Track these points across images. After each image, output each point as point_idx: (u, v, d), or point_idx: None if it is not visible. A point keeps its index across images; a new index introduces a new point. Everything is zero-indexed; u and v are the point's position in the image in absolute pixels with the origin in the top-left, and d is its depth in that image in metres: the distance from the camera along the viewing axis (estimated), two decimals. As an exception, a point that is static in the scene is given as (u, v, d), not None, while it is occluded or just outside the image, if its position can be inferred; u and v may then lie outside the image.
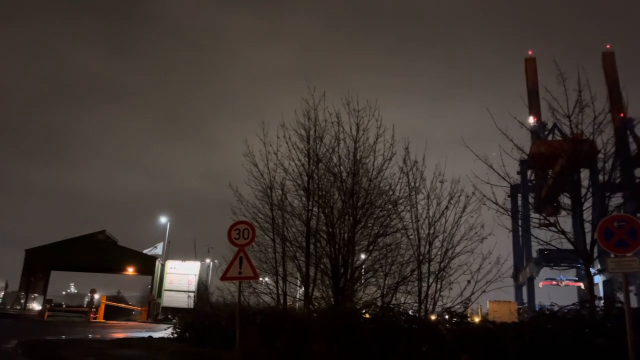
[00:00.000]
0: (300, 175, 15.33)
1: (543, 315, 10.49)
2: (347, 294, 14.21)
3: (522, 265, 74.37)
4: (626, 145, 44.65)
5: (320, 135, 15.23)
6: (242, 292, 12.60)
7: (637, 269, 8.35)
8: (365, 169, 14.88)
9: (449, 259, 13.66)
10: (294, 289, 16.14)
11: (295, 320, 12.87)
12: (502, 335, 9.66)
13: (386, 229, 14.89)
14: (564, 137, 13.64)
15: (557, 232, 12.96)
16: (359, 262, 15.20)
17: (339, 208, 14.91)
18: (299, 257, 15.20)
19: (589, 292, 13.38)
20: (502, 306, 40.13)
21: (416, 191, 14.22)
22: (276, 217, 15.39)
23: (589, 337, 8.83)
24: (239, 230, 12.08)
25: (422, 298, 13.58)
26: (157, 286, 48.66)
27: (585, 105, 12.23)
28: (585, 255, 11.97)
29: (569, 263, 61.61)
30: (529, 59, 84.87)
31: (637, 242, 8.21)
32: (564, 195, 14.67)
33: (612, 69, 72.69)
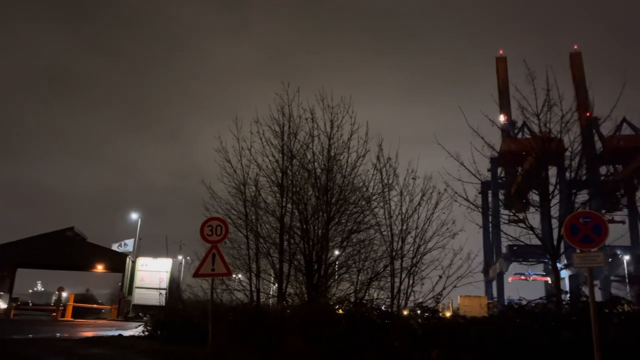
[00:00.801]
0: (274, 171, 15.28)
1: (512, 309, 10.70)
2: (321, 290, 14.24)
3: (492, 260, 75.97)
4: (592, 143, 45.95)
5: (294, 132, 15.21)
6: (214, 289, 12.51)
7: (601, 264, 8.61)
8: (339, 166, 14.93)
9: (421, 254, 13.85)
10: (267, 285, 16.09)
11: (268, 317, 12.83)
12: (472, 329, 9.84)
13: (360, 225, 14.98)
14: (533, 135, 13.94)
15: (525, 228, 13.28)
16: (332, 258, 15.25)
17: (313, 204, 14.92)
18: (273, 254, 15.18)
19: (555, 286, 13.75)
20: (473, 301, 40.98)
21: (389, 188, 14.37)
22: (250, 213, 15.31)
23: (556, 330, 9.06)
24: (212, 227, 11.97)
25: (394, 293, 13.72)
26: (127, 284, 47.84)
27: (553, 104, 12.53)
28: (553, 251, 12.28)
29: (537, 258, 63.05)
30: (500, 58, 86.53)
31: (601, 237, 8.46)
32: (533, 192, 14.99)
33: (579, 69, 74.70)
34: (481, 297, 48.48)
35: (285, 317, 12.84)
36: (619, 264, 60.20)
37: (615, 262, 60.29)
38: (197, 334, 12.68)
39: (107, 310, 48.58)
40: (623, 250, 60.06)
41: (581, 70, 74.55)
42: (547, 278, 66.60)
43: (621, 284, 54.88)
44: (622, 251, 59.97)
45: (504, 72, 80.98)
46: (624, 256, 59.57)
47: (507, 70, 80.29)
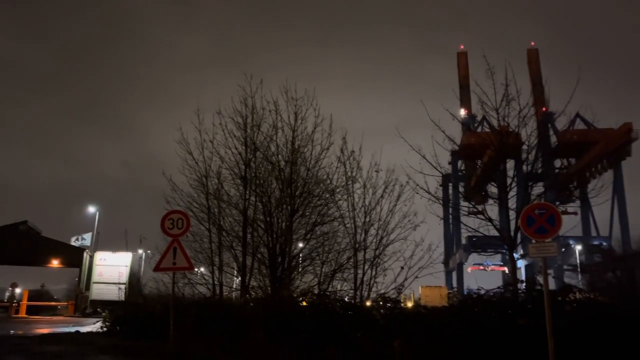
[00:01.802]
0: (237, 163, 15.13)
1: (470, 298, 10.99)
2: (285, 283, 14.24)
3: (453, 251, 77.80)
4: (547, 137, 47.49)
5: (257, 124, 15.09)
6: (176, 283, 12.31)
7: (555, 254, 8.93)
8: (303, 158, 14.92)
9: (383, 246, 14.04)
10: (230, 278, 15.97)
11: (231, 310, 12.75)
12: (433, 318, 10.05)
13: (324, 217, 15.04)
14: (492, 129, 14.29)
15: (484, 219, 13.65)
16: (296, 250, 15.27)
17: (277, 197, 14.87)
18: (236, 247, 15.05)
19: (512, 275, 14.20)
20: (434, 291, 41.90)
21: (353, 180, 14.47)
22: (212, 206, 15.13)
23: (512, 317, 9.37)
24: (173, 220, 11.76)
25: (357, 285, 13.87)
26: (85, 279, 46.52)
27: (511, 99, 12.86)
28: (510, 241, 12.67)
29: (495, 249, 65.23)
30: (461, 53, 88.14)
31: (555, 228, 8.78)
32: (492, 184, 15.42)
33: (535, 65, 77.04)
34: (442, 287, 49.66)
35: (248, 310, 12.79)
36: (571, 253, 62.64)
37: (568, 252, 62.75)
38: (158, 328, 12.46)
39: (64, 306, 47.14)
40: (575, 240, 62.50)
41: (538, 66, 76.90)
42: (504, 268, 68.73)
43: (573, 273, 57.05)
44: (574, 241, 62.40)
45: (465, 67, 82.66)
46: (576, 246, 61.99)
47: (467, 65, 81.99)
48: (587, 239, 68.65)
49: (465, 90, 67.07)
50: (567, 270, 60.14)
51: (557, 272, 57.29)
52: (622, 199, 72.58)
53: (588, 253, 60.59)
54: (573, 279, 49.96)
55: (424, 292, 42.96)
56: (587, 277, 35.11)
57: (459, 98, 64.93)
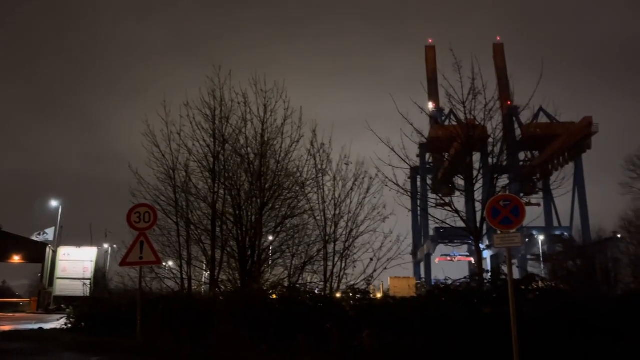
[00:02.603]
0: (206, 156, 14.96)
1: (438, 288, 11.17)
2: (255, 276, 14.20)
3: (421, 242, 79.06)
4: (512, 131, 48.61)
5: (226, 116, 14.93)
6: (143, 277, 12.14)
7: (519, 244, 9.17)
8: (273, 151, 14.86)
9: (353, 238, 14.15)
10: (199, 272, 15.83)
11: (200, 304, 12.64)
12: (401, 309, 10.20)
13: (294, 210, 15.03)
14: (459, 122, 14.53)
15: (451, 211, 13.91)
16: (266, 243, 15.23)
17: (247, 190, 14.78)
18: (205, 241, 14.92)
19: (478, 266, 14.54)
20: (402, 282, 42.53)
21: (323, 173, 14.51)
22: (180, 199, 14.93)
23: (478, 307, 9.59)
24: (140, 214, 11.57)
25: (327, 277, 13.96)
26: (48, 274, 45.32)
27: (477, 93, 13.10)
28: (476, 232, 12.96)
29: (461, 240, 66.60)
30: (429, 47, 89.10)
31: (519, 219, 9.01)
32: (458, 176, 15.70)
33: (501, 59, 78.57)
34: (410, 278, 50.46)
35: (218, 303, 12.71)
36: (534, 243, 64.55)
37: (532, 242, 64.64)
38: (125, 324, 12.26)
39: (26, 303, 45.82)
40: (538, 230, 64.50)
41: (503, 61, 78.46)
42: (470, 258, 70.34)
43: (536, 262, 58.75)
44: (537, 232, 64.37)
45: (433, 60, 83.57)
46: (539, 236, 63.92)
47: (435, 59, 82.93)
48: (549, 230, 70.80)
49: (433, 83, 67.84)
50: (530, 259, 61.84)
51: (521, 261, 58.87)
52: (583, 190, 75.05)
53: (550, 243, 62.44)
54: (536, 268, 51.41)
55: (393, 283, 43.52)
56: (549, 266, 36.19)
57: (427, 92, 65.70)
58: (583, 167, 75.52)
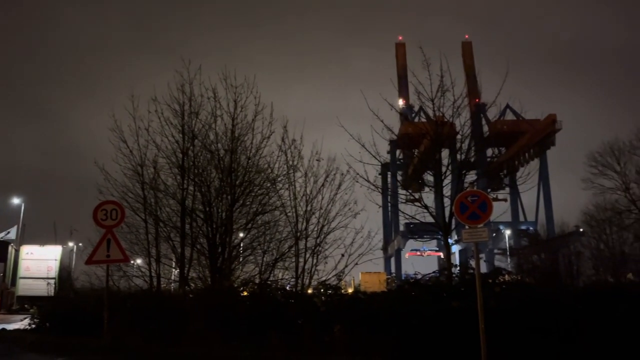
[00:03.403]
0: (175, 152, 14.74)
1: (407, 283, 11.34)
2: (225, 273, 14.09)
3: (391, 238, 79.89)
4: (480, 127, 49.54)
5: (195, 111, 14.73)
6: (110, 276, 11.91)
7: (486, 239, 9.38)
8: (243, 147, 14.73)
9: (324, 234, 14.17)
10: (168, 270, 15.59)
11: (170, 302, 12.49)
12: (371, 304, 10.30)
13: (265, 207, 14.95)
14: (428, 119, 14.71)
15: (421, 207, 14.09)
16: (237, 240, 15.12)
17: (217, 186, 14.63)
18: (174, 238, 14.71)
19: (447, 260, 14.79)
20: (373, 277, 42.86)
21: (294, 169, 14.46)
22: (148, 196, 14.68)
23: (446, 300, 9.76)
24: (106, 211, 11.34)
25: (299, 273, 13.95)
26: (10, 274, 43.97)
27: (446, 90, 13.28)
28: (445, 227, 13.17)
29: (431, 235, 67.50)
30: (399, 44, 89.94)
31: (486, 214, 9.21)
32: (428, 173, 15.89)
33: (469, 57, 79.92)
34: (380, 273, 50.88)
35: (188, 301, 12.58)
36: (501, 238, 66.12)
37: (499, 237, 66.16)
38: (92, 323, 12.01)
39: (-13, 303, 44.35)
40: (505, 225, 66.07)
41: (471, 58, 79.80)
42: (440, 253, 71.51)
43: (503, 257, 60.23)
44: (504, 226, 65.93)
45: (403, 57, 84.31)
46: (505, 231, 65.50)
47: (405, 56, 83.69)
48: (515, 224, 72.65)
49: (403, 80, 68.41)
50: (497, 254, 63.43)
51: (489, 256, 60.24)
52: (547, 186, 77.22)
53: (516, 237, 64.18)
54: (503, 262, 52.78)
55: (364, 278, 43.84)
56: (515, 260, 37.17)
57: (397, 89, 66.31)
58: (548, 163, 77.66)
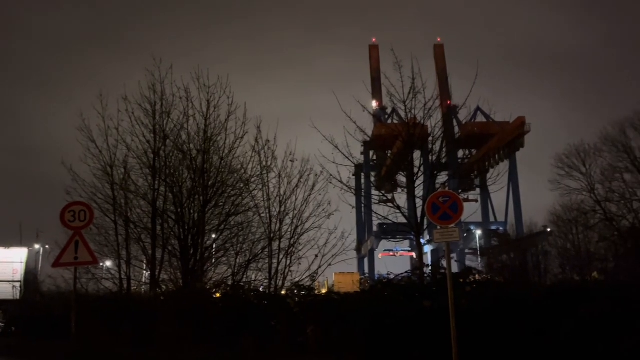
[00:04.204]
0: (146, 152, 14.52)
1: (380, 283, 11.42)
2: (197, 275, 13.94)
3: (365, 238, 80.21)
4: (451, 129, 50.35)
5: (167, 111, 14.57)
6: (79, 278, 11.65)
7: (457, 239, 9.51)
8: (216, 147, 14.62)
9: (298, 235, 14.18)
10: (139, 272, 15.33)
11: (140, 305, 12.29)
12: (344, 304, 10.34)
13: (238, 207, 14.86)
14: (401, 121, 14.84)
15: (393, 207, 14.20)
16: (209, 242, 14.98)
17: (189, 187, 14.46)
18: (145, 239, 14.49)
19: (419, 260, 14.96)
20: (346, 277, 42.94)
21: (268, 170, 14.43)
22: (118, 197, 14.42)
23: (418, 300, 9.88)
24: (74, 212, 11.03)
25: (272, 274, 13.90)
26: (-27, 278, 42.47)
27: (417, 92, 13.43)
28: (417, 228, 13.31)
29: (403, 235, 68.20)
30: (373, 46, 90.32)
31: (457, 215, 9.34)
32: (401, 174, 16.07)
33: (441, 60, 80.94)
34: (354, 273, 51.05)
35: (159, 303, 12.40)
36: (472, 238, 67.12)
37: (469, 237, 67.17)
38: (59, 327, 11.73)
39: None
40: (476, 225, 67.05)
41: (443, 61, 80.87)
42: (412, 253, 72.10)
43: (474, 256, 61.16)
44: (475, 227, 66.92)
45: (377, 59, 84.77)
46: (476, 231, 66.54)
47: (379, 58, 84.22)
48: (486, 224, 73.78)
49: (376, 82, 68.90)
50: (468, 254, 64.30)
51: (460, 256, 61.09)
52: (517, 187, 78.68)
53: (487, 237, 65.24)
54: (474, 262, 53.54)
55: (337, 279, 43.91)
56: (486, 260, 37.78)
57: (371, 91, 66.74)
58: (517, 165, 79.25)
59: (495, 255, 34.56)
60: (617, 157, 26.62)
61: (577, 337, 8.17)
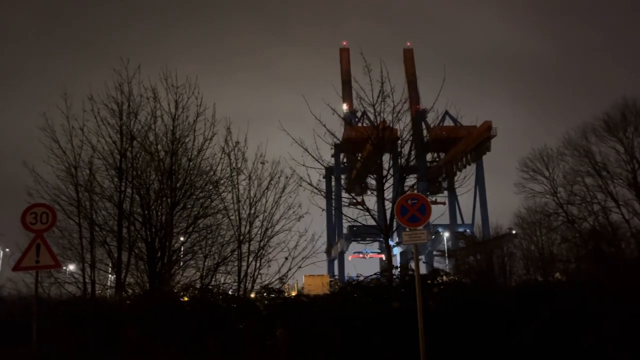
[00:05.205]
0: (112, 153, 14.22)
1: (350, 285, 11.50)
2: (165, 278, 13.73)
3: (335, 240, 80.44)
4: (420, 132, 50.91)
5: (134, 111, 14.30)
6: (40, 282, 11.29)
7: (425, 240, 9.65)
8: (185, 149, 14.44)
9: (268, 237, 14.11)
10: (104, 276, 14.96)
11: (105, 309, 12.01)
12: (314, 306, 10.35)
13: (207, 210, 14.69)
14: (371, 124, 14.99)
15: (363, 210, 14.33)
16: (177, 244, 14.75)
17: (156, 189, 14.23)
18: (110, 242, 14.16)
19: (388, 262, 15.11)
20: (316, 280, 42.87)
21: (238, 172, 14.31)
22: (83, 199, 14.06)
23: (387, 301, 9.98)
24: (36, 214, 10.70)
25: (241, 277, 13.80)
26: None
27: (386, 96, 13.61)
28: (386, 230, 13.46)
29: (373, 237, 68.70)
30: (344, 49, 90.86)
31: (426, 216, 9.49)
32: (370, 176, 16.19)
33: (411, 64, 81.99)
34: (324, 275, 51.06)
35: (125, 308, 12.14)
36: (440, 240, 68.14)
37: (437, 239, 68.18)
38: (20, 333, 11.31)
39: None
40: (443, 228, 68.12)
41: (413, 65, 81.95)
42: (382, 255, 72.64)
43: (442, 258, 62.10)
44: (442, 229, 67.99)
45: (347, 62, 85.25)
46: (444, 233, 67.59)
47: (349, 61, 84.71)
48: (453, 227, 75.01)
49: (347, 85, 69.23)
50: (436, 255, 65.30)
51: (428, 257, 61.95)
52: (483, 190, 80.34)
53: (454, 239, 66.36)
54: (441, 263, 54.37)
55: (307, 281, 43.85)
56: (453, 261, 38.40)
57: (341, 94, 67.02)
58: (483, 168, 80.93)
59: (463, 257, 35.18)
60: (578, 161, 27.47)
61: (540, 336, 8.40)
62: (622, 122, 26.99)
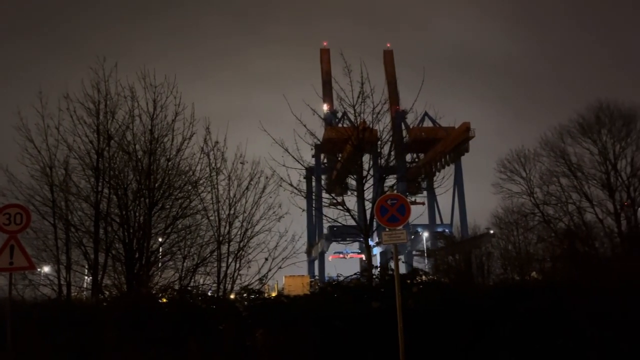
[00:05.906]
0: (89, 153, 13.97)
1: (330, 285, 11.53)
2: (143, 280, 13.55)
3: (315, 241, 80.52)
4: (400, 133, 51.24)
5: (112, 110, 14.07)
6: (14, 284, 11.05)
7: (404, 240, 9.75)
8: (163, 148, 14.26)
9: (248, 238, 14.04)
10: (80, 278, 14.70)
11: (81, 312, 11.81)
12: (294, 307, 10.35)
13: (185, 210, 14.55)
14: (351, 124, 15.05)
15: (343, 210, 14.38)
16: (155, 245, 14.58)
17: (134, 189, 14.04)
18: (87, 243, 13.92)
19: (368, 262, 15.19)
20: (296, 280, 42.98)
21: (217, 172, 14.21)
22: (58, 199, 13.78)
23: (367, 301, 10.03)
24: (10, 215, 10.51)
25: (221, 278, 13.71)
26: None
27: (366, 97, 13.69)
28: (365, 230, 13.53)
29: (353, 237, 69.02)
30: (324, 50, 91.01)
31: (405, 217, 9.58)
32: (350, 177, 16.26)
33: (390, 65, 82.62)
34: (304, 276, 51.16)
35: (102, 310, 11.96)
36: (419, 240, 68.83)
37: (417, 239, 68.83)
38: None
39: None
40: (423, 228, 68.84)
41: (393, 66, 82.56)
42: (362, 255, 72.97)
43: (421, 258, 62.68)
44: (422, 229, 68.70)
45: (328, 63, 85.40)
46: (423, 233, 68.27)
47: (330, 61, 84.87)
48: (432, 227, 75.81)
49: (327, 85, 69.42)
50: (415, 255, 65.90)
51: (407, 257, 62.50)
52: (462, 190, 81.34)
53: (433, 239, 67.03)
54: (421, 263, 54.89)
55: (287, 282, 43.84)
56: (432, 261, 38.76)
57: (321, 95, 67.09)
58: (462, 169, 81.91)
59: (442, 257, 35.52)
60: (554, 162, 28.04)
61: (516, 334, 8.55)
62: (596, 124, 27.65)
